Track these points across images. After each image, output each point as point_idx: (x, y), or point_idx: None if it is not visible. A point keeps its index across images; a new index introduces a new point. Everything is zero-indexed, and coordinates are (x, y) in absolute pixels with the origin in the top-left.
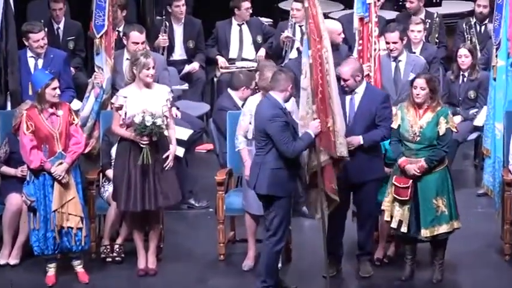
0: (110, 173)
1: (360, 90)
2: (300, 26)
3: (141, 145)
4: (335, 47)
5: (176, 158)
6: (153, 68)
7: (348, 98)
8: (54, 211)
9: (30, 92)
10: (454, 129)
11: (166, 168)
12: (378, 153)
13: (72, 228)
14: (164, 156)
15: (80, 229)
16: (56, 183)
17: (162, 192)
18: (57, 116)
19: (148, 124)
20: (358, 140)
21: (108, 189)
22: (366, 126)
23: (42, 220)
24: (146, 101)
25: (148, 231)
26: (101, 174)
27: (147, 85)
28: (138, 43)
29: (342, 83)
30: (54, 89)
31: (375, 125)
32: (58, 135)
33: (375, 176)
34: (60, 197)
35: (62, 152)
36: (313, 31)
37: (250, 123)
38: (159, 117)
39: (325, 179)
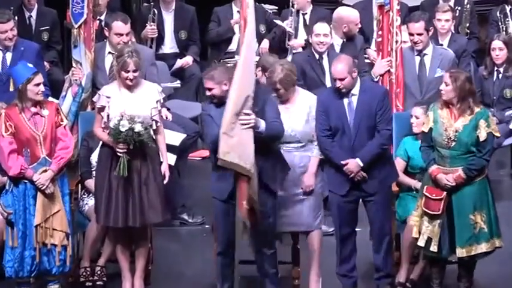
0: (90, 183)
1: (356, 91)
2: (304, 14)
3: (118, 153)
4: (350, 38)
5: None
6: (135, 71)
7: (345, 102)
8: (36, 226)
9: (12, 88)
10: (497, 134)
11: (165, 181)
12: (385, 156)
13: (56, 245)
14: (163, 170)
15: (65, 247)
16: (39, 193)
17: (149, 206)
18: (41, 116)
19: (123, 130)
20: (356, 163)
21: (88, 203)
22: (370, 128)
23: (20, 236)
24: (132, 102)
25: (134, 251)
26: (79, 185)
27: (128, 88)
28: (122, 34)
29: (338, 84)
30: (37, 85)
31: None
32: (42, 138)
33: (386, 184)
34: (44, 209)
35: (47, 158)
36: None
37: None
38: (141, 122)
39: (239, 193)
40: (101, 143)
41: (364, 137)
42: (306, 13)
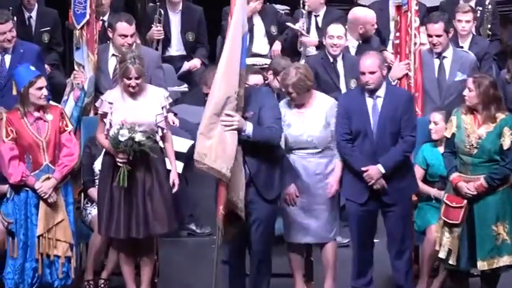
0: (93, 192)
1: (381, 93)
2: (316, 16)
3: (118, 163)
4: (366, 39)
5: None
6: (137, 78)
7: (369, 104)
8: (38, 236)
9: (14, 92)
10: None
11: (174, 190)
12: (406, 165)
13: (59, 257)
14: (172, 179)
15: (69, 258)
16: (41, 202)
17: (154, 216)
18: (44, 121)
19: (122, 139)
20: (377, 170)
21: (91, 212)
22: (393, 134)
23: (21, 247)
24: (135, 108)
25: (139, 263)
26: (82, 194)
27: (131, 94)
28: (126, 36)
29: (367, 78)
30: (40, 88)
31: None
32: (45, 144)
33: (406, 194)
34: (47, 219)
35: (49, 165)
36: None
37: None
38: (142, 131)
39: (218, 198)
40: (104, 150)
41: (387, 142)
42: (319, 15)
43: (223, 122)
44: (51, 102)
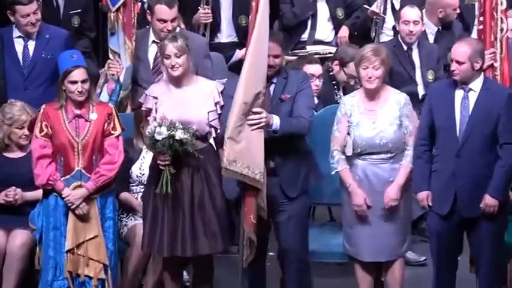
0: (126, 196)
1: (476, 87)
2: None
3: (160, 166)
4: (447, 25)
5: None
6: (178, 56)
7: (458, 94)
8: (67, 251)
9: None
10: None
11: None
12: None
13: (91, 278)
14: None
15: (103, 281)
16: (70, 213)
17: (204, 232)
18: (86, 120)
19: (159, 138)
20: (492, 201)
21: (127, 223)
22: (485, 137)
23: (49, 262)
24: (183, 104)
25: (188, 284)
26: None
27: (177, 81)
28: (166, 21)
29: (453, 67)
30: (74, 82)
31: (496, 137)
32: (81, 146)
33: (502, 209)
34: (76, 233)
35: (83, 171)
36: None
37: (349, 133)
38: (183, 128)
39: (246, 206)
40: (151, 155)
41: (476, 146)
42: None
43: (251, 121)
44: (101, 98)
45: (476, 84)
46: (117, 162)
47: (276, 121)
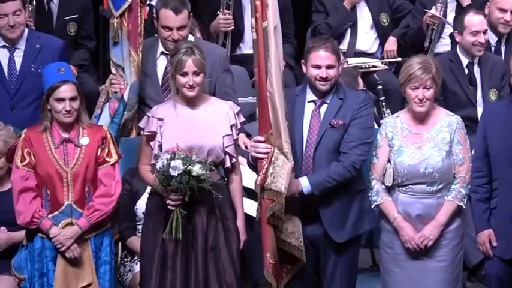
0: (134, 242)
1: None
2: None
3: (169, 206)
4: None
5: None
6: (197, 74)
7: None
8: None
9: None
10: None
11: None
12: None
13: None
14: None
15: None
16: (59, 256)
17: (217, 280)
18: (76, 145)
19: (174, 174)
20: None
21: (132, 269)
22: None
23: None
24: (194, 128)
25: None
26: (119, 244)
27: (188, 101)
28: (171, 29)
29: None
30: (61, 100)
31: None
32: (70, 176)
33: None
34: (66, 280)
35: (73, 206)
36: None
37: (389, 160)
38: (201, 162)
39: (264, 244)
40: (149, 188)
41: None
42: None
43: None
44: (92, 120)
45: None
46: (114, 195)
47: (304, 183)
